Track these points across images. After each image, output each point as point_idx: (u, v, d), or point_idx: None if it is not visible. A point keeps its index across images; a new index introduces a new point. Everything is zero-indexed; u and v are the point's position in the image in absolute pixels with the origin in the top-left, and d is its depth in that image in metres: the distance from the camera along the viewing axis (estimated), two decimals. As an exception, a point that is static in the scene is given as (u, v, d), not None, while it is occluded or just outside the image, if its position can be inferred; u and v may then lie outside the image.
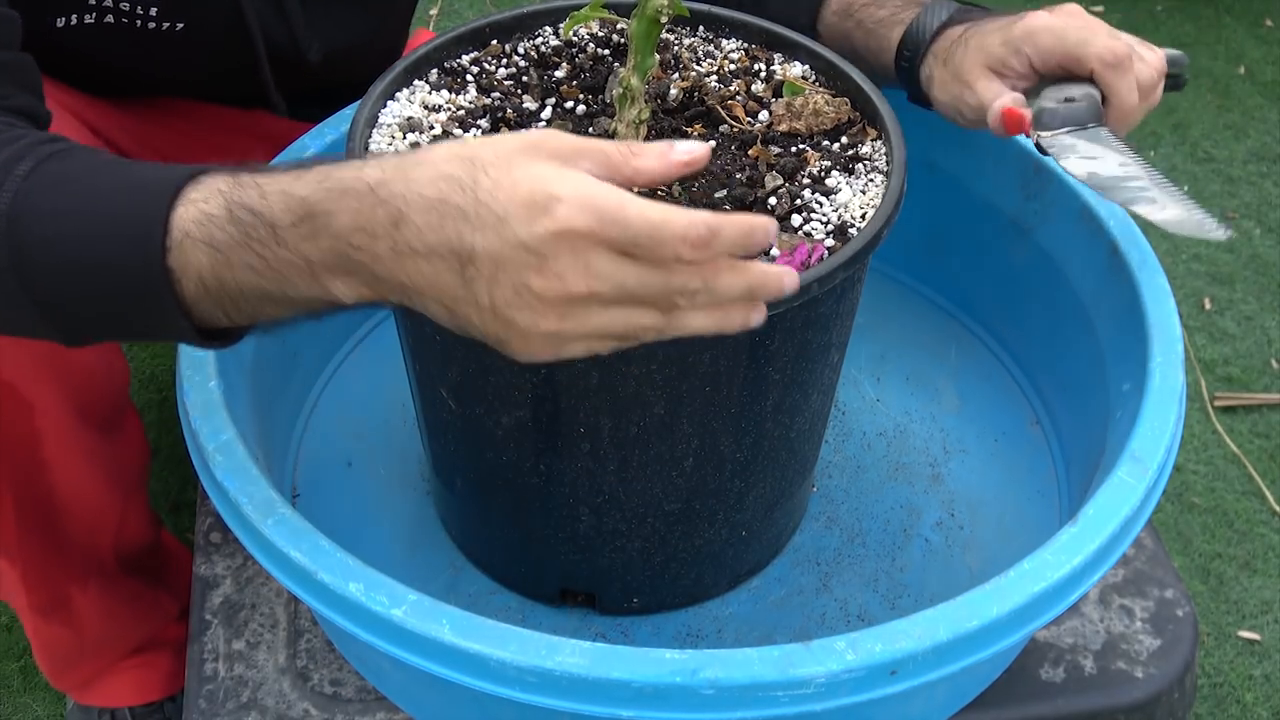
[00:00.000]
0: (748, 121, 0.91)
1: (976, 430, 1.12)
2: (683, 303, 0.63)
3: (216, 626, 0.97)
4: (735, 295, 0.64)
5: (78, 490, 0.96)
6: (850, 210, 0.84)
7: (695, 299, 0.63)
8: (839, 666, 0.74)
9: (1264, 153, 1.98)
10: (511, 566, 0.98)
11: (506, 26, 0.97)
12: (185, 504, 1.42)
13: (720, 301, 0.64)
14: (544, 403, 0.81)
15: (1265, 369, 1.63)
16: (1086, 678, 0.95)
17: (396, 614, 0.75)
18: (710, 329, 0.66)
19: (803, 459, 0.96)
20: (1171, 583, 1.01)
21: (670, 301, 0.63)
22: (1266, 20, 2.24)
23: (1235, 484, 1.49)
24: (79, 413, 0.93)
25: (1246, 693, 1.30)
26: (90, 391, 0.94)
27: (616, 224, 0.60)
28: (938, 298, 1.22)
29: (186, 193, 0.66)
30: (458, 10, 2.22)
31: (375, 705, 0.93)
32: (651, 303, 0.63)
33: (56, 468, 0.93)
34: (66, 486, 0.95)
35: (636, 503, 0.88)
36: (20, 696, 1.28)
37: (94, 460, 0.97)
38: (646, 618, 0.98)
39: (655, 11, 0.79)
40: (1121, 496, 0.84)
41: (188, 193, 0.66)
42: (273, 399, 1.03)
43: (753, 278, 0.65)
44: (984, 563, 1.02)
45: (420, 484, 1.07)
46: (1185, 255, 1.79)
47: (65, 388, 0.91)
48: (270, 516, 0.81)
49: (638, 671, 0.73)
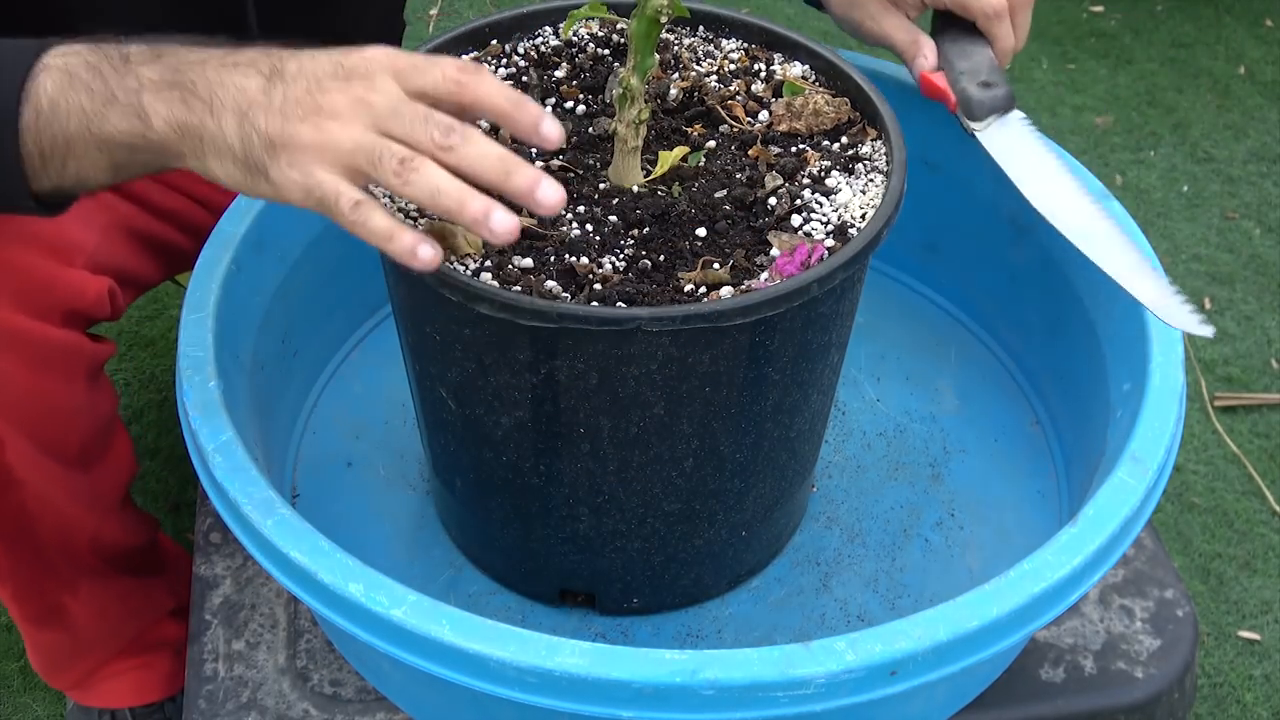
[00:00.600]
0: (748, 121, 0.91)
1: (976, 430, 1.12)
2: (438, 136, 0.69)
3: (216, 627, 0.97)
4: (486, 154, 0.69)
5: (49, 508, 0.95)
6: (850, 210, 0.84)
7: (449, 137, 0.69)
8: (839, 667, 0.74)
9: (1264, 153, 1.98)
10: (511, 567, 0.98)
11: (506, 27, 0.97)
12: (185, 504, 1.42)
13: (470, 157, 0.69)
14: (544, 403, 0.81)
15: (1265, 369, 1.63)
16: (1086, 678, 0.95)
17: (396, 614, 0.75)
18: (449, 184, 0.69)
19: (802, 459, 0.96)
20: (1171, 583, 1.01)
21: (427, 133, 0.69)
22: (1266, 20, 2.24)
23: (1235, 484, 1.49)
24: (46, 453, 0.92)
25: (1246, 693, 1.30)
26: (58, 434, 0.93)
27: (405, 58, 0.72)
28: (938, 298, 1.22)
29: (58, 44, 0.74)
30: (458, 10, 2.22)
31: (375, 705, 0.93)
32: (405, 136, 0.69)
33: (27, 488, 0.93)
34: (36, 502, 0.94)
35: (636, 503, 0.88)
36: (20, 696, 1.28)
37: (67, 490, 0.96)
38: (646, 618, 0.98)
39: (655, 11, 0.79)
40: (1121, 497, 0.84)
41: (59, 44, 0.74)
42: (273, 399, 1.03)
43: (507, 151, 0.70)
44: (984, 563, 1.02)
45: (420, 484, 1.07)
46: (1185, 255, 1.79)
47: (29, 433, 0.90)
48: (270, 516, 0.81)
49: (638, 672, 0.73)
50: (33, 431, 0.91)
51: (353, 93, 0.70)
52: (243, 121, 0.70)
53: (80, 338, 0.93)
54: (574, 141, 0.89)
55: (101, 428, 0.98)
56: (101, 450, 0.99)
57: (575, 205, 0.83)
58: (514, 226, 0.69)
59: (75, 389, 0.93)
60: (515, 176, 0.69)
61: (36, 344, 0.89)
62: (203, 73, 0.72)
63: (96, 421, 0.97)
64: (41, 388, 0.90)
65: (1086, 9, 2.28)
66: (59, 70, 0.72)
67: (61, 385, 0.92)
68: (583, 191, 0.85)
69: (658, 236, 0.82)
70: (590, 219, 0.82)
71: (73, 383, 0.93)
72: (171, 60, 0.73)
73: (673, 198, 0.84)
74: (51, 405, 0.91)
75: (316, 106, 0.70)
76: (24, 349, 0.88)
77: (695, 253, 0.81)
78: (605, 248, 0.80)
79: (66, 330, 0.91)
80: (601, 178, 0.86)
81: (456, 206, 0.68)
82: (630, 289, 0.77)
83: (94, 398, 0.96)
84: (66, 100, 0.72)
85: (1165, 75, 2.13)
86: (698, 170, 0.87)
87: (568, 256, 0.79)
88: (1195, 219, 1.86)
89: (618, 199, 0.84)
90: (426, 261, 0.70)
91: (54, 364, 0.90)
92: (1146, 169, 1.94)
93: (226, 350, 0.93)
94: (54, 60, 0.72)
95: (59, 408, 0.92)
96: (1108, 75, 2.13)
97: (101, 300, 0.93)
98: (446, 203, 0.68)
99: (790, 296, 0.76)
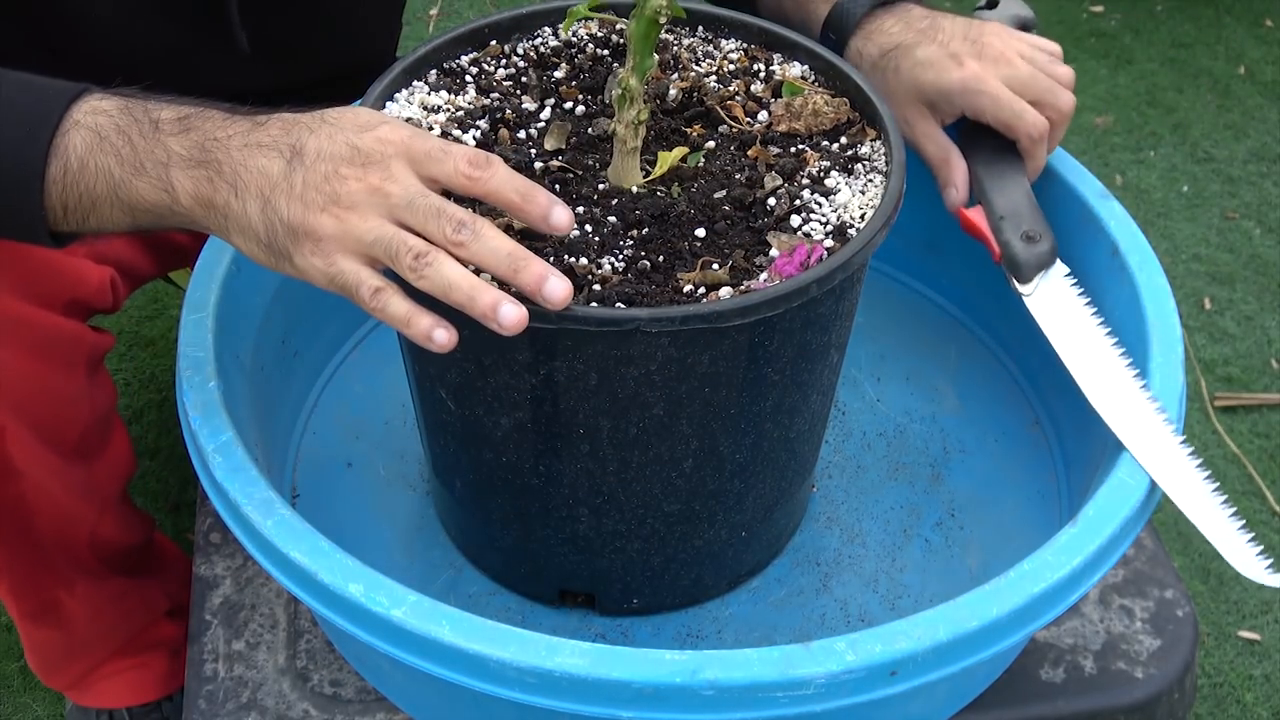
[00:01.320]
0: (747, 122, 0.91)
1: (976, 430, 1.12)
2: (449, 231, 0.71)
3: (216, 627, 0.97)
4: (497, 250, 0.72)
5: (48, 501, 0.96)
6: (850, 211, 0.84)
7: (461, 233, 0.71)
8: (839, 667, 0.74)
9: (1264, 153, 1.98)
10: (511, 567, 0.98)
11: (506, 27, 0.97)
12: (185, 504, 1.42)
13: (482, 252, 0.72)
14: (543, 403, 0.81)
15: (1265, 369, 1.63)
16: (1086, 678, 0.95)
17: (396, 615, 0.75)
18: (461, 280, 0.71)
19: (802, 459, 0.96)
20: (1171, 583, 1.01)
21: (440, 227, 0.72)
22: (1266, 20, 2.24)
23: (1235, 484, 1.49)
24: (46, 444, 0.93)
25: (1246, 693, 1.30)
26: (58, 424, 0.93)
27: (420, 138, 0.74)
28: (938, 298, 1.22)
29: (89, 94, 0.76)
30: (458, 10, 2.22)
31: (375, 705, 0.93)
32: (420, 228, 0.72)
33: (27, 479, 0.93)
34: (35, 494, 0.94)
35: (636, 503, 0.88)
36: (20, 696, 1.28)
37: (66, 482, 0.96)
38: (646, 618, 0.98)
39: (654, 12, 0.79)
40: (1121, 497, 0.84)
41: (90, 94, 0.76)
42: (272, 399, 1.03)
43: (517, 245, 0.72)
44: (984, 563, 1.02)
45: (420, 484, 1.07)
46: (1185, 255, 1.79)
47: (29, 422, 0.91)
48: (270, 517, 0.81)
49: (638, 672, 0.73)
50: (33, 421, 0.91)
51: (369, 181, 0.72)
52: (266, 207, 0.73)
53: (81, 327, 0.93)
54: (573, 142, 0.89)
55: (100, 420, 0.99)
56: (101, 444, 1.00)
57: (575, 206, 0.83)
58: (521, 319, 0.72)
59: (76, 379, 0.93)
60: (523, 275, 0.72)
61: (38, 331, 0.89)
62: (227, 152, 0.74)
63: (96, 413, 0.97)
64: (42, 376, 0.90)
65: (1086, 9, 2.28)
66: (89, 130, 0.74)
67: (62, 374, 0.92)
68: (582, 192, 0.85)
69: (657, 237, 0.82)
70: (589, 219, 0.82)
71: (73, 372, 0.93)
72: (198, 135, 0.74)
73: (672, 198, 0.84)
74: (52, 394, 0.92)
75: (335, 195, 0.72)
76: (26, 336, 0.88)
77: (694, 253, 0.81)
78: (604, 248, 0.80)
79: (68, 319, 0.91)
80: (601, 178, 0.86)
81: (467, 302, 0.72)
82: (629, 290, 0.77)
83: (94, 389, 0.96)
84: (95, 162, 0.74)
85: (1165, 75, 2.13)
86: (697, 171, 0.87)
87: (567, 257, 0.79)
88: (1195, 219, 1.86)
89: (617, 199, 0.84)
90: (441, 345, 0.73)
91: (55, 352, 0.91)
92: (1146, 169, 1.94)
93: (226, 350, 0.93)
94: (84, 117, 0.74)
95: (59, 397, 0.92)
96: (1108, 75, 2.13)
97: (103, 290, 0.94)
98: (458, 297, 0.72)
99: (790, 297, 0.76)
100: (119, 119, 0.74)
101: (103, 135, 0.74)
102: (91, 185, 0.74)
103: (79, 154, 0.74)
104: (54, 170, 0.74)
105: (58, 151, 0.73)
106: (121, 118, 0.75)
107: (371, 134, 0.73)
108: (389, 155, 0.73)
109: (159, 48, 1.00)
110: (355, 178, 0.72)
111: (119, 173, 0.74)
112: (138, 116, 0.75)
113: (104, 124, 0.74)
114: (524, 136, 0.89)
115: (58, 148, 0.73)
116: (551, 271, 0.72)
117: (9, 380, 0.88)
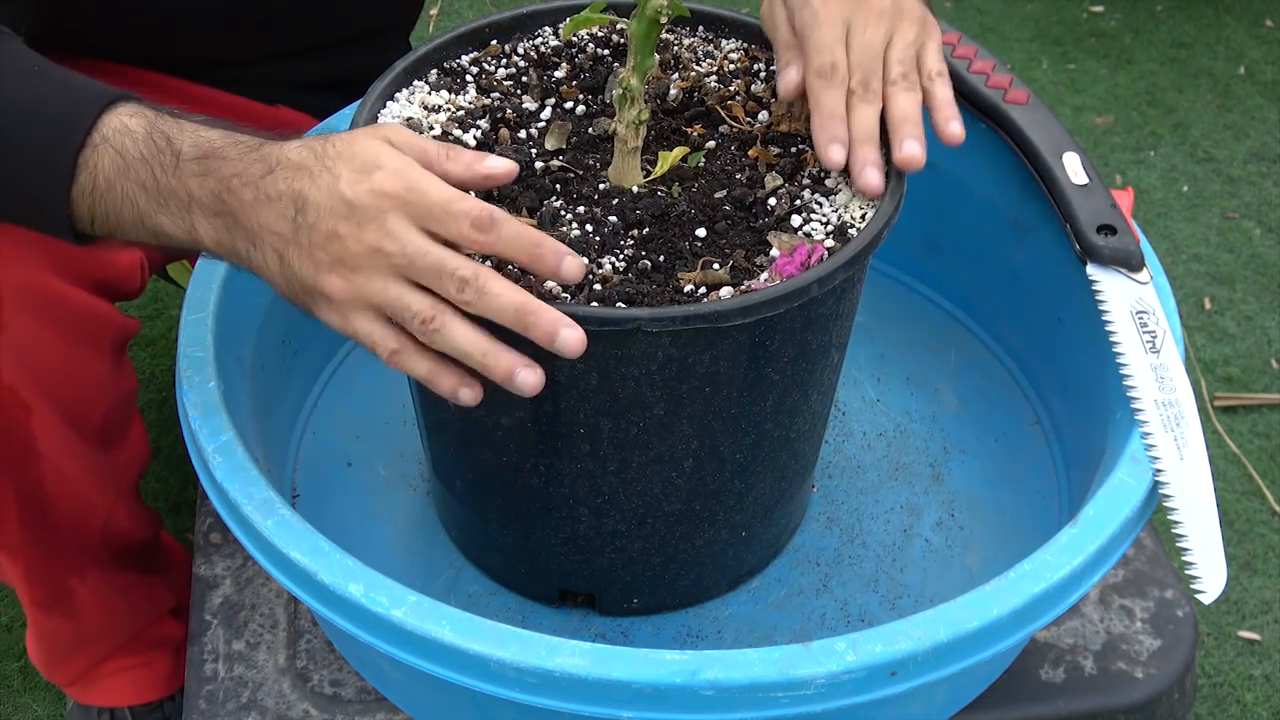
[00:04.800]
0: (747, 121, 0.91)
1: (976, 430, 1.12)
2: (453, 290, 0.71)
3: (216, 627, 0.97)
4: (503, 308, 0.71)
5: (66, 486, 0.96)
6: (850, 211, 0.84)
7: (464, 291, 0.71)
8: (839, 667, 0.74)
9: (1264, 153, 1.98)
10: (511, 567, 0.98)
11: (506, 27, 0.97)
12: (185, 504, 1.42)
13: (488, 310, 0.71)
14: (543, 403, 0.81)
15: (1265, 369, 1.63)
16: (1086, 678, 0.95)
17: (397, 615, 0.75)
18: (470, 347, 0.72)
19: (803, 459, 0.96)
20: (1171, 583, 1.01)
21: (443, 286, 0.71)
22: (1266, 20, 2.24)
23: (1235, 484, 1.49)
24: (70, 424, 0.93)
25: (1246, 693, 1.30)
26: (83, 405, 0.94)
27: (417, 193, 0.71)
28: (938, 298, 1.22)
29: (118, 105, 0.75)
30: (458, 10, 2.22)
31: (375, 706, 0.93)
32: (426, 284, 0.71)
33: (48, 461, 0.93)
34: (55, 479, 0.95)
35: (636, 503, 0.88)
36: (20, 696, 1.28)
37: (85, 466, 0.96)
38: (646, 618, 0.98)
39: (655, 12, 0.79)
40: (1121, 497, 0.84)
41: (119, 105, 0.75)
42: (273, 399, 1.03)
43: (525, 298, 0.71)
44: (984, 563, 1.02)
45: (420, 484, 1.07)
46: (1185, 255, 1.79)
47: (56, 401, 0.91)
48: (270, 517, 0.81)
49: (638, 672, 0.73)
50: (59, 400, 0.91)
51: (366, 242, 0.71)
52: (282, 263, 0.73)
53: (110, 308, 0.94)
54: (574, 141, 0.89)
55: (123, 407, 1.00)
56: (121, 432, 1.00)
57: (575, 205, 0.83)
58: (538, 383, 0.73)
59: (103, 361, 0.94)
60: (533, 330, 0.71)
61: (70, 309, 0.90)
62: (241, 202, 0.73)
63: (119, 399, 0.98)
64: (72, 356, 0.91)
65: (1086, 9, 2.28)
66: (115, 151, 0.74)
67: (90, 355, 0.92)
68: (582, 192, 0.85)
69: (657, 237, 0.82)
70: (590, 219, 0.82)
71: (101, 354, 0.94)
72: (214, 181, 0.74)
73: (672, 198, 0.84)
74: (80, 375, 0.92)
75: (339, 256, 0.72)
76: (57, 313, 0.89)
77: (695, 253, 0.81)
78: (605, 248, 0.80)
79: (98, 299, 0.92)
80: (601, 178, 0.86)
81: (481, 369, 0.73)
82: (630, 289, 0.77)
83: (119, 374, 0.97)
84: (122, 186, 0.74)
85: (1165, 75, 2.13)
86: (697, 170, 0.87)
87: (568, 257, 0.79)
88: (1195, 219, 1.86)
89: (617, 199, 0.84)
90: (466, 402, 0.74)
91: (84, 332, 0.91)
92: (1146, 169, 1.94)
93: (226, 350, 0.93)
94: (113, 135, 0.74)
95: (86, 379, 0.93)
96: (1108, 75, 2.13)
97: (133, 272, 0.95)
98: (472, 363, 0.73)
99: (790, 297, 0.76)
100: (144, 147, 0.74)
101: (128, 161, 0.74)
102: (118, 207, 0.75)
103: (107, 175, 0.74)
104: (83, 182, 0.74)
105: (86, 166, 0.73)
106: (145, 146, 0.74)
107: (366, 185, 0.71)
108: (384, 210, 0.71)
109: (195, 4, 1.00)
110: (353, 238, 0.71)
111: (144, 204, 0.74)
112: (160, 146, 0.74)
113: (129, 148, 0.74)
114: (524, 136, 0.89)
115: (86, 162, 0.73)
116: (563, 321, 0.71)
117: (40, 356, 0.88)
